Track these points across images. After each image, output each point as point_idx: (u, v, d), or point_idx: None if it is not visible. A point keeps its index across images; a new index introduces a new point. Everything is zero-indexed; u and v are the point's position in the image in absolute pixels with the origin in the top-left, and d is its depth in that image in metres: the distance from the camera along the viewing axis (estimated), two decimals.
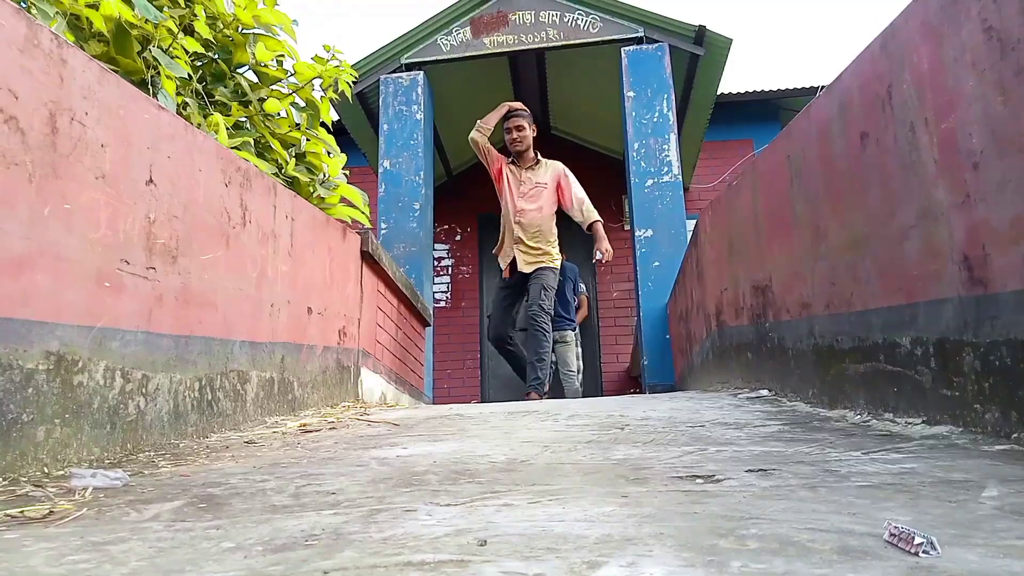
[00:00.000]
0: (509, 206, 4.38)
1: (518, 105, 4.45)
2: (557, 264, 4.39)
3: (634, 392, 6.75)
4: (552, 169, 4.44)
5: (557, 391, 5.80)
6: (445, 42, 5.95)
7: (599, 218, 4.41)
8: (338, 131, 5.41)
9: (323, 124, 3.17)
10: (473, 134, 4.34)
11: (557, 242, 4.40)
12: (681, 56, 5.74)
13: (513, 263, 4.37)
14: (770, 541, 0.74)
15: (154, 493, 1.15)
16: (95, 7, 2.00)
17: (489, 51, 5.85)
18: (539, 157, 4.45)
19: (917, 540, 0.68)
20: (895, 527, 0.72)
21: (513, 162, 4.45)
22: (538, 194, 4.35)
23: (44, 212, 1.32)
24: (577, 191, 4.41)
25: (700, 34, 5.54)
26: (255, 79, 2.93)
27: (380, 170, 5.76)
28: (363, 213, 3.27)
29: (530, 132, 4.36)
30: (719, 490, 1.02)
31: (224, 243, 2.02)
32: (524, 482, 1.15)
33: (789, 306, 2.28)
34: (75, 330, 1.39)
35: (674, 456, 1.34)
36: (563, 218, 4.47)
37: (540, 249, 4.33)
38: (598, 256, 4.32)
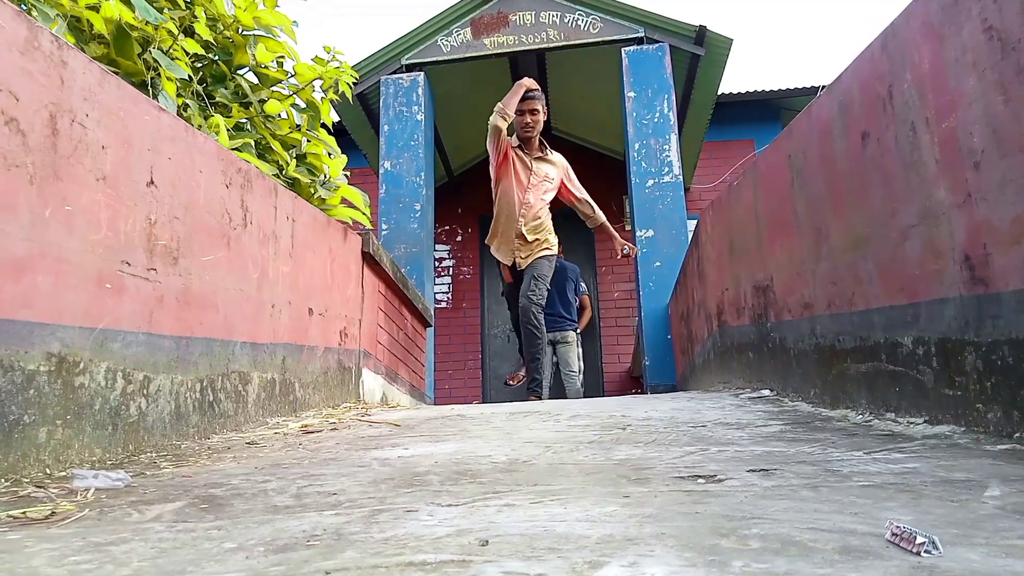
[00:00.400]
0: (514, 196, 4.06)
1: (533, 85, 4.04)
2: (555, 250, 4.19)
3: (635, 392, 6.75)
4: (560, 164, 4.23)
5: (558, 391, 5.80)
6: (445, 43, 5.96)
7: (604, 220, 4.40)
8: (339, 132, 5.43)
9: (324, 125, 3.17)
10: (497, 120, 3.89)
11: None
12: (682, 56, 5.74)
13: (514, 262, 4.17)
14: (772, 541, 0.74)
15: (156, 494, 1.15)
16: (95, 9, 2.00)
17: (489, 52, 5.85)
18: (545, 145, 4.18)
19: (919, 540, 0.68)
20: (897, 527, 0.72)
21: (520, 147, 4.11)
22: (545, 188, 4.14)
23: (45, 214, 1.33)
24: (580, 188, 4.30)
25: (701, 34, 5.55)
26: (256, 80, 2.94)
27: (381, 171, 5.76)
28: (364, 214, 3.27)
29: (543, 117, 4.05)
30: (721, 490, 1.02)
31: (225, 244, 2.02)
32: (526, 482, 1.14)
33: (791, 306, 2.28)
34: (76, 331, 1.39)
35: (676, 456, 1.34)
36: (558, 216, 4.35)
37: (538, 240, 4.12)
38: (626, 251, 4.28)
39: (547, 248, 4.14)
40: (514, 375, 4.29)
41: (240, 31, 2.76)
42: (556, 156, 4.24)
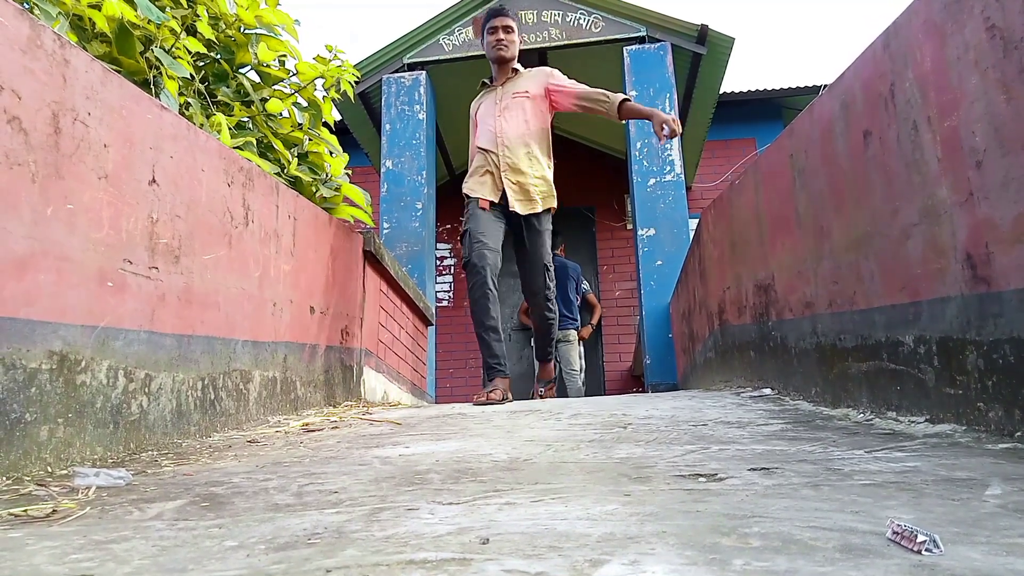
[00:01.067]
0: (490, 131, 3.34)
1: (496, 7, 3.47)
2: (555, 206, 3.42)
3: (637, 391, 6.75)
4: (536, 75, 3.45)
5: (560, 390, 5.80)
6: (447, 42, 5.96)
7: (626, 95, 3.40)
8: (340, 131, 5.44)
9: (325, 124, 3.17)
10: None
11: (552, 171, 3.45)
12: (683, 55, 5.73)
13: (503, 197, 3.29)
14: (772, 539, 0.74)
15: (157, 492, 1.15)
16: (97, 7, 2.01)
17: None
18: (519, 69, 3.50)
19: (920, 538, 0.68)
20: (898, 525, 0.72)
21: (486, 83, 3.54)
22: (520, 105, 3.34)
23: (47, 212, 1.33)
24: (576, 85, 3.41)
25: (702, 33, 5.54)
26: (257, 79, 2.94)
27: (382, 169, 5.76)
28: (365, 212, 3.27)
29: (517, 39, 3.46)
30: (722, 488, 1.02)
31: (227, 243, 2.02)
32: (526, 481, 1.14)
33: (792, 305, 2.28)
34: (78, 330, 1.40)
35: (677, 455, 1.34)
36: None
37: (538, 184, 3.30)
38: (666, 132, 2.96)
39: (552, 198, 3.38)
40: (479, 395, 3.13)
41: (242, 30, 2.76)
42: (531, 71, 3.53)
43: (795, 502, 0.91)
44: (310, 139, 3.08)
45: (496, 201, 3.29)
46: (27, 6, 1.78)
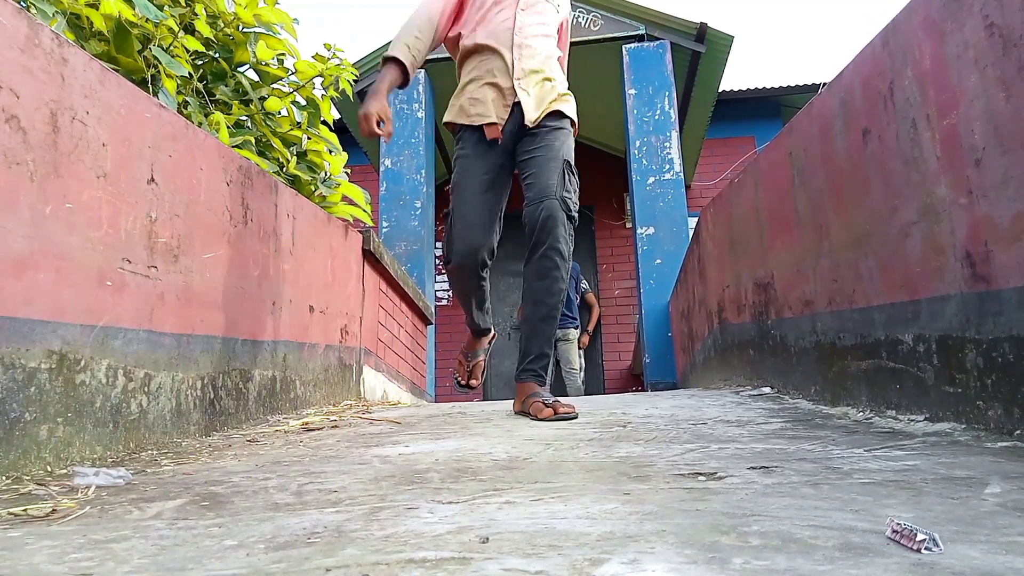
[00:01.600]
0: (505, 25, 2.36)
1: None
2: (575, 114, 2.44)
3: (636, 390, 6.75)
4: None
5: (559, 389, 5.80)
6: None
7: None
8: (339, 129, 5.43)
9: (324, 122, 3.17)
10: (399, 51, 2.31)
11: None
12: (683, 53, 5.73)
13: (514, 110, 2.30)
14: (772, 538, 0.74)
15: (156, 491, 1.15)
16: (95, 6, 2.00)
17: None
18: None
19: (919, 537, 0.68)
20: (897, 524, 0.72)
21: None
22: (550, 11, 2.49)
23: (46, 211, 1.33)
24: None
25: (701, 31, 5.54)
26: (256, 78, 2.93)
27: (381, 168, 5.76)
28: (365, 211, 3.27)
29: None
30: (721, 487, 1.02)
31: (226, 242, 2.02)
32: (526, 480, 1.14)
33: (791, 303, 2.28)
34: (77, 329, 1.39)
35: (676, 454, 1.34)
36: None
37: (555, 82, 2.39)
38: None
39: (571, 103, 2.43)
40: (465, 366, 2.70)
41: (241, 28, 2.75)
42: None
43: (795, 501, 0.91)
44: (309, 138, 3.08)
45: (501, 124, 2.31)
46: (24, 5, 1.77)
